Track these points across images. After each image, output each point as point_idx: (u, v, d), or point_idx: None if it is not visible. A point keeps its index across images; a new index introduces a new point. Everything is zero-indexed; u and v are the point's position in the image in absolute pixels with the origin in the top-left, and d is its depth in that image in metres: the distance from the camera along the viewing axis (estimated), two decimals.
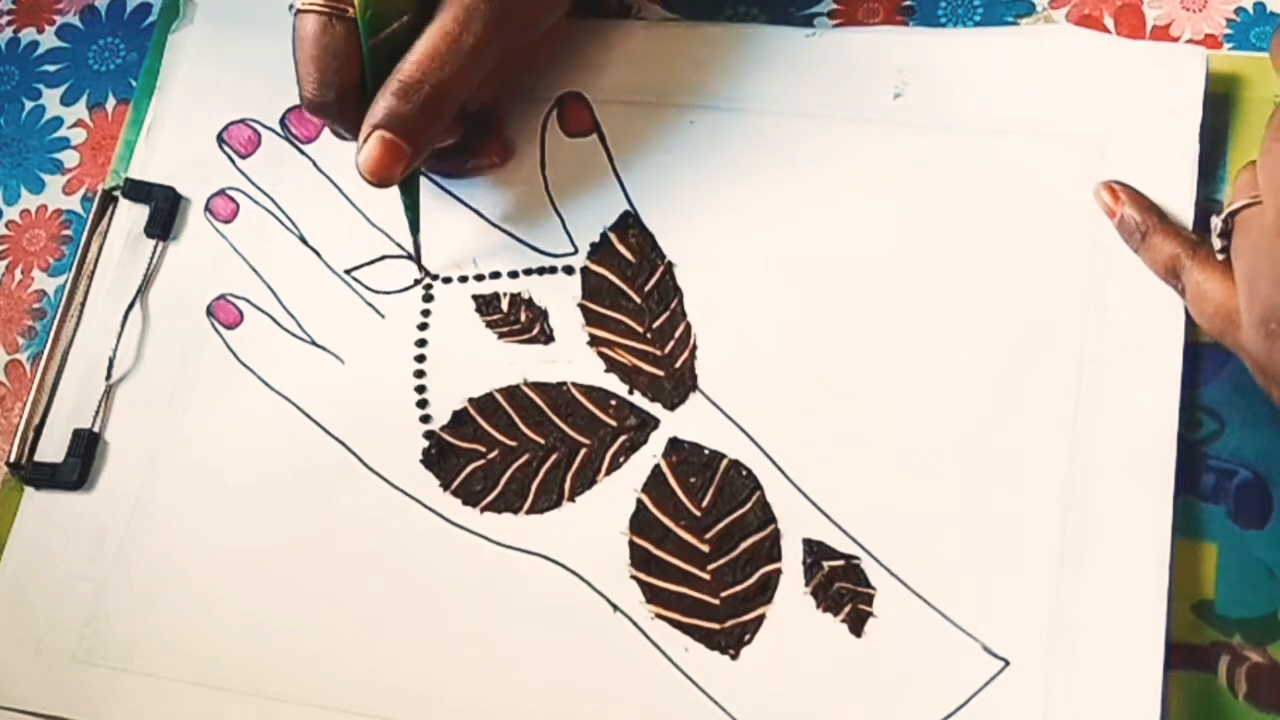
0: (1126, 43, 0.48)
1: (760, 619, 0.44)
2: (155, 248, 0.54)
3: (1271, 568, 0.41)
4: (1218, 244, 0.41)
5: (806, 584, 0.44)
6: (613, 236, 0.50)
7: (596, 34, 0.53)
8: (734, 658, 0.44)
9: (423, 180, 0.52)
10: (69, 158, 0.58)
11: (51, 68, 0.60)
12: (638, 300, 0.49)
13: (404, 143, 0.46)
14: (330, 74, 0.46)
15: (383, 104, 0.46)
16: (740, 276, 0.48)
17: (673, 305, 0.49)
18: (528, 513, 0.47)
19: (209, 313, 0.53)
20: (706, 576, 0.45)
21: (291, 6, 0.47)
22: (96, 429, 0.52)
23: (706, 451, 0.46)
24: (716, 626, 0.44)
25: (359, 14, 0.45)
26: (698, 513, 0.46)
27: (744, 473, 0.46)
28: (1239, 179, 0.40)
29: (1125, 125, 0.46)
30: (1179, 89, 0.46)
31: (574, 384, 0.48)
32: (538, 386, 0.49)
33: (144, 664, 0.48)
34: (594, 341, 0.49)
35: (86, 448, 0.51)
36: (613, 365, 0.48)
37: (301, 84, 0.47)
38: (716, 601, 0.44)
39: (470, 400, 0.49)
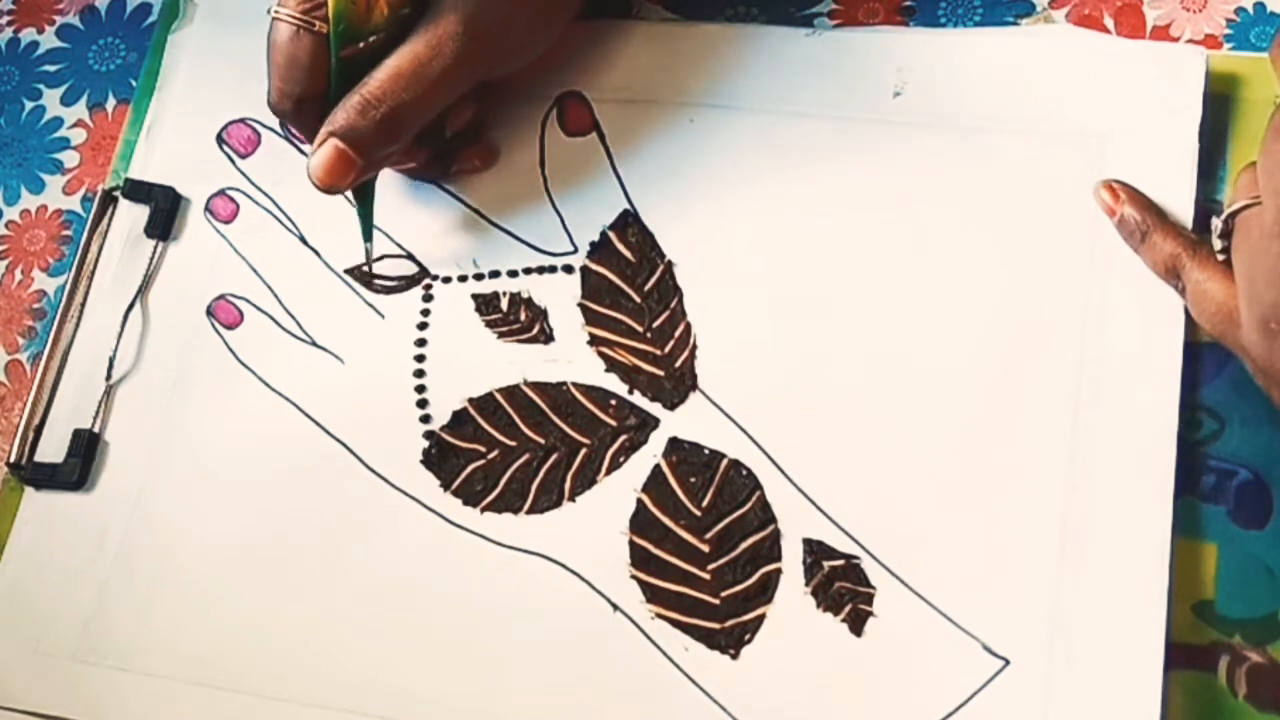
0: (1126, 42, 0.48)
1: (760, 619, 0.44)
2: (155, 248, 0.54)
3: (1271, 568, 0.41)
4: (1218, 244, 0.41)
5: (806, 584, 0.44)
6: (612, 236, 0.50)
7: (596, 34, 0.53)
8: (734, 657, 0.44)
9: (422, 179, 0.52)
10: (69, 158, 0.58)
11: (51, 68, 0.60)
12: (637, 300, 0.49)
13: (355, 155, 0.46)
14: (292, 83, 0.47)
15: (341, 114, 0.46)
16: (740, 276, 0.48)
17: (672, 305, 0.49)
18: (528, 513, 0.47)
19: (209, 313, 0.53)
20: (707, 576, 0.45)
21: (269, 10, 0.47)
22: (96, 429, 0.52)
23: (706, 451, 0.46)
24: (716, 626, 0.44)
25: (331, 27, 0.45)
26: (698, 512, 0.46)
27: (744, 472, 0.46)
28: (1239, 179, 0.40)
29: (1125, 125, 0.46)
30: (1179, 89, 0.46)
31: (574, 384, 0.48)
32: (538, 386, 0.49)
33: (143, 664, 0.48)
34: (594, 341, 0.49)
35: (86, 448, 0.51)
36: (613, 365, 0.48)
37: (269, 87, 0.48)
38: (716, 601, 0.44)
39: (470, 400, 0.49)
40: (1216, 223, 0.41)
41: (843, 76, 0.50)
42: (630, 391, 0.48)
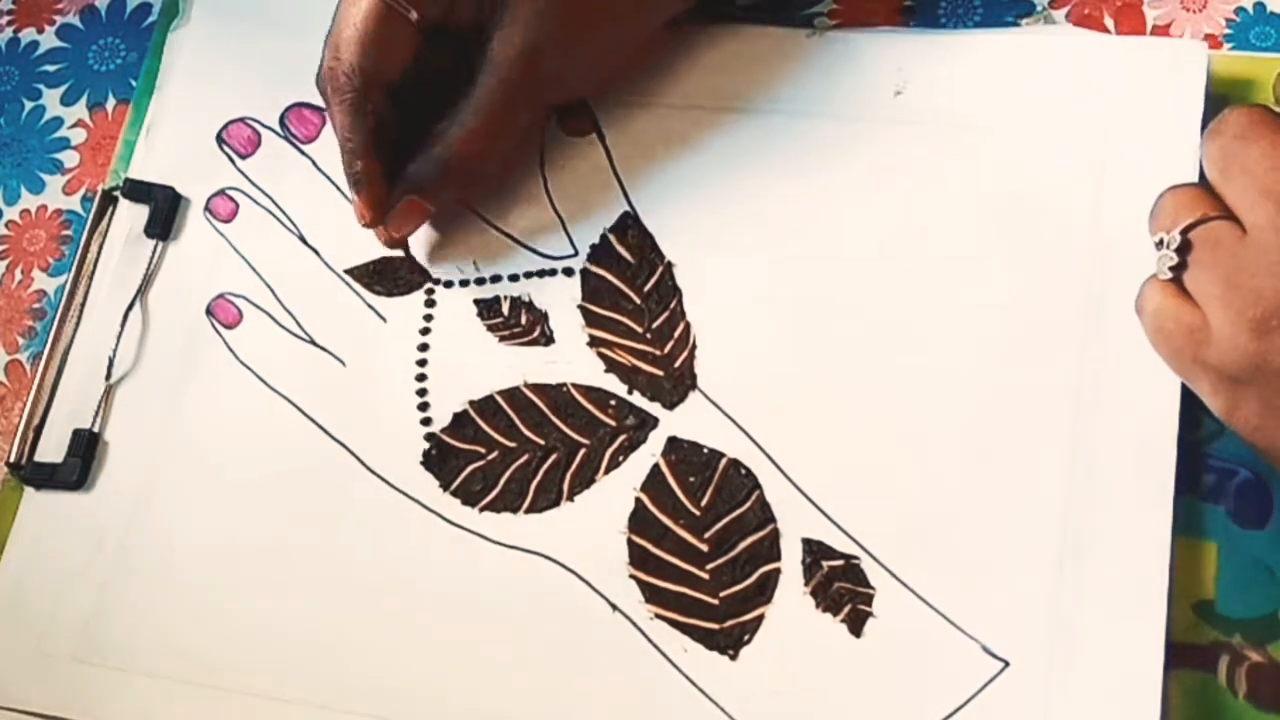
0: (1125, 39, 0.48)
1: (759, 619, 0.44)
2: (155, 248, 0.54)
3: (1271, 568, 0.41)
4: (1172, 259, 0.39)
5: (806, 584, 0.44)
6: (612, 238, 0.50)
7: None
8: (733, 658, 0.44)
9: None
10: (69, 158, 0.58)
11: (51, 68, 0.60)
12: (637, 301, 0.49)
13: (430, 204, 0.49)
14: (373, 60, 0.47)
15: (419, 171, 0.48)
16: (740, 276, 0.48)
17: (672, 305, 0.49)
18: (527, 512, 0.47)
19: (208, 312, 0.53)
20: (706, 576, 0.45)
21: None
22: (96, 429, 0.52)
23: (705, 451, 0.46)
24: (716, 626, 0.44)
25: None
26: (697, 512, 0.46)
27: (743, 472, 0.46)
28: (1167, 203, 0.39)
29: (1126, 122, 0.46)
30: (1179, 82, 0.46)
31: (573, 384, 0.48)
32: (537, 388, 0.49)
33: (144, 664, 0.48)
34: (594, 342, 0.49)
35: (86, 448, 0.51)
36: (612, 366, 0.48)
37: (328, 57, 0.48)
38: (716, 601, 0.44)
39: (471, 402, 0.49)
40: (1173, 236, 0.38)
41: (843, 76, 0.50)
42: (630, 392, 0.48)
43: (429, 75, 0.49)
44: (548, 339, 0.49)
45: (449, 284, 0.51)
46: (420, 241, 0.52)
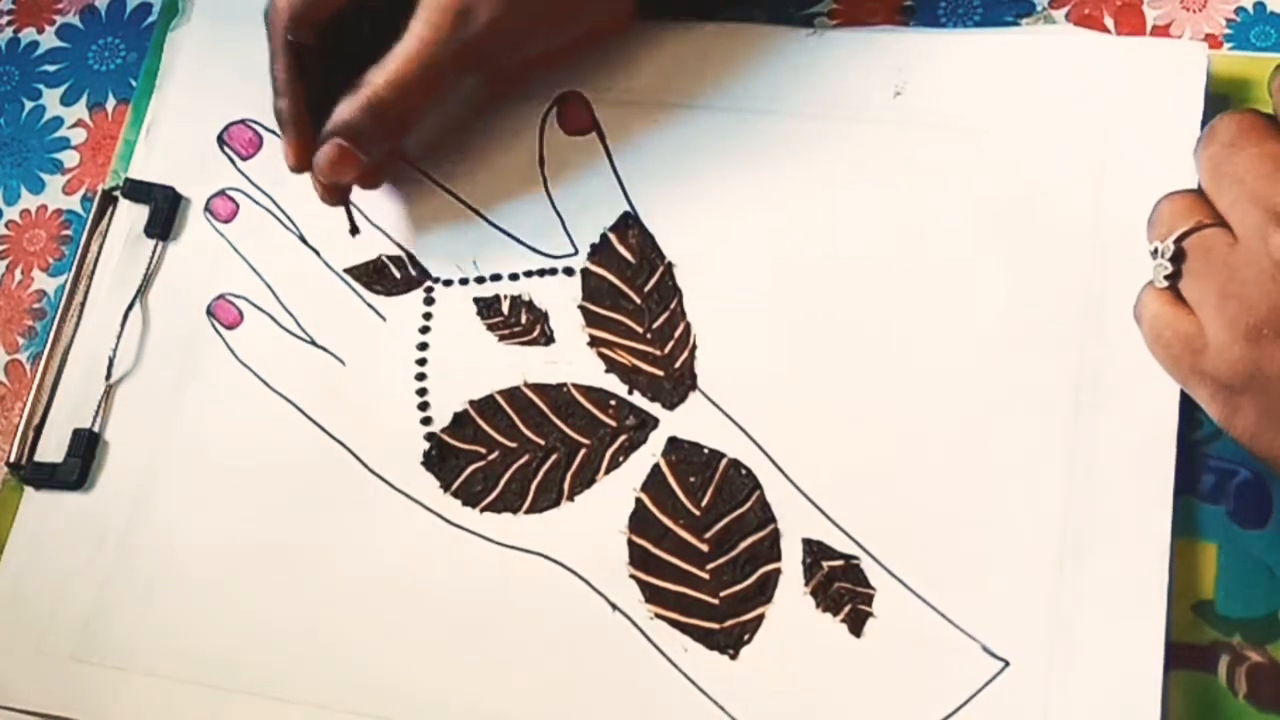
0: (1125, 40, 0.48)
1: (760, 619, 0.44)
2: (155, 248, 0.54)
3: (1271, 568, 0.41)
4: (1167, 269, 0.39)
5: (806, 584, 0.44)
6: (612, 237, 0.50)
7: None
8: (733, 658, 0.44)
9: (423, 180, 0.52)
10: (69, 158, 0.58)
11: (51, 68, 0.60)
12: (638, 300, 0.49)
13: (359, 152, 0.48)
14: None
15: (345, 114, 0.47)
16: (740, 276, 0.48)
17: (672, 305, 0.49)
18: (527, 512, 0.47)
19: (209, 312, 0.53)
20: (706, 576, 0.45)
21: None
22: (96, 429, 0.52)
23: (706, 451, 0.46)
24: (716, 626, 0.44)
25: None
26: (697, 512, 0.46)
27: (743, 472, 0.46)
28: (1164, 211, 0.39)
29: (1126, 122, 0.46)
30: (1179, 83, 0.46)
31: (574, 384, 0.48)
32: (538, 388, 0.49)
33: (144, 663, 0.48)
34: (594, 342, 0.49)
35: (86, 448, 0.51)
36: (612, 365, 0.48)
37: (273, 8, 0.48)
38: (716, 601, 0.44)
39: (471, 402, 0.49)
40: (1167, 246, 0.38)
41: (843, 76, 0.50)
42: (630, 392, 0.48)
43: (368, 25, 0.49)
44: (548, 338, 0.49)
45: (448, 282, 0.51)
46: (419, 239, 0.52)
